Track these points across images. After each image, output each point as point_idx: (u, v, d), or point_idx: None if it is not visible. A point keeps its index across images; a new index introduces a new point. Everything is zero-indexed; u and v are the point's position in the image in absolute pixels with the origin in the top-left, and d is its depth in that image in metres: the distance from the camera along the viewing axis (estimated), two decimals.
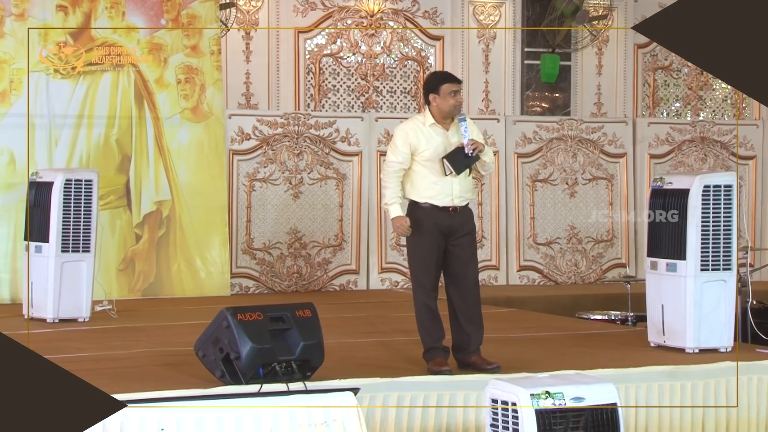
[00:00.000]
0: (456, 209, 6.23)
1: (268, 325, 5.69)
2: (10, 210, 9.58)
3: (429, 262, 6.25)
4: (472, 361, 6.21)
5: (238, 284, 10.68)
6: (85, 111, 9.95)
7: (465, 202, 6.28)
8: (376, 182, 11.14)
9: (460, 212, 6.26)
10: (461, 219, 6.26)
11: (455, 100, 6.26)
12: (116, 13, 10.09)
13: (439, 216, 6.20)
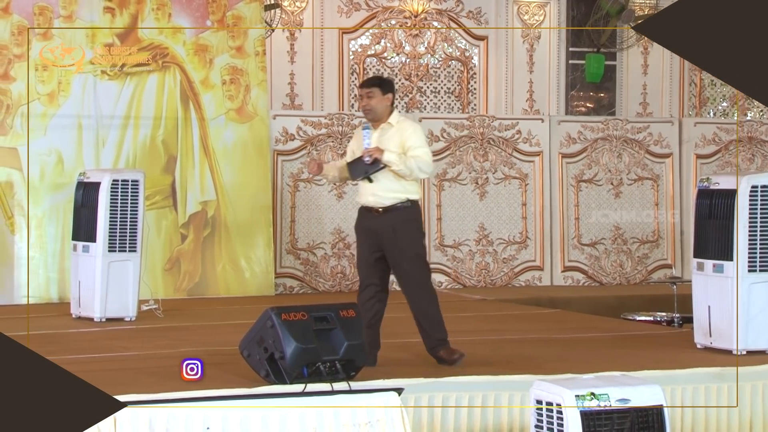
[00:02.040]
0: (379, 210, 6.39)
1: (313, 325, 5.71)
2: (58, 210, 9.69)
3: (360, 259, 6.56)
4: (439, 355, 6.40)
5: (282, 284, 10.72)
6: (132, 112, 10.04)
7: (391, 202, 6.37)
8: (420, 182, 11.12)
9: (385, 213, 6.38)
10: (386, 220, 6.37)
11: (361, 104, 6.51)
12: (162, 15, 10.18)
13: (366, 216, 6.47)
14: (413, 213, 6.43)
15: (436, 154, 11.28)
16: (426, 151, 6.39)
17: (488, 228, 11.40)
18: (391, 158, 6.30)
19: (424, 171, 6.41)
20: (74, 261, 8.76)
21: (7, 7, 9.63)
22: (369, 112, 6.40)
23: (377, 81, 6.61)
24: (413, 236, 6.41)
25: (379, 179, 6.35)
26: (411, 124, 6.48)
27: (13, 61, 9.64)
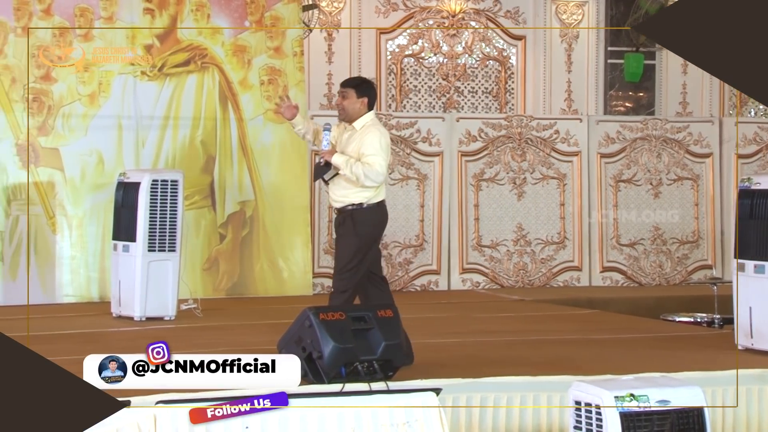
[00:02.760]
0: (336, 211, 6.55)
1: (350, 324, 5.71)
2: (98, 210, 9.78)
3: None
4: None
5: (320, 284, 10.75)
6: (171, 112, 10.11)
7: (340, 204, 6.48)
8: (457, 182, 11.13)
9: (339, 215, 6.53)
10: (338, 222, 6.55)
11: (336, 101, 6.58)
12: (201, 16, 10.24)
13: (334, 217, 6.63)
14: (359, 217, 6.42)
15: (473, 154, 11.27)
16: (376, 160, 6.38)
17: (526, 228, 11.37)
18: (338, 161, 6.37)
19: (371, 179, 6.40)
20: (114, 260, 8.83)
21: (48, 8, 9.73)
22: (341, 111, 6.48)
23: (355, 82, 6.61)
24: (348, 238, 6.46)
25: (335, 181, 6.46)
26: (372, 131, 6.44)
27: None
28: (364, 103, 6.48)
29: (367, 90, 6.55)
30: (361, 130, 6.43)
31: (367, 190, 6.41)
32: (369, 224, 6.50)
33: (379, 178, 6.40)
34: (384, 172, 6.45)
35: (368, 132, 6.42)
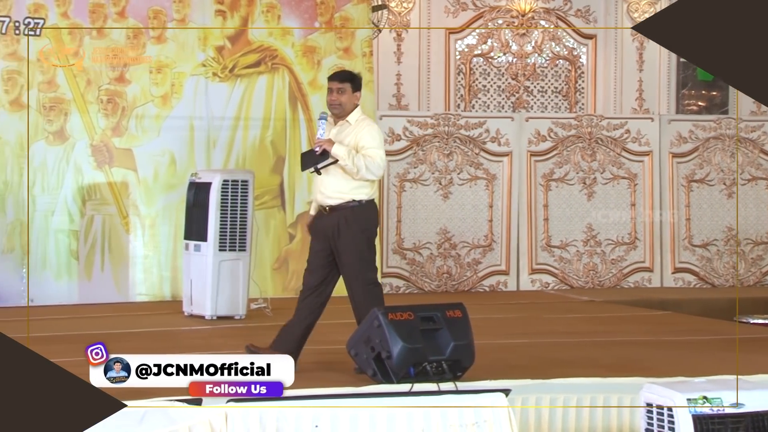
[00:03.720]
0: (326, 209, 6.23)
1: (419, 324, 5.73)
2: (170, 210, 9.90)
3: (310, 261, 6.36)
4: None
5: (388, 284, 10.77)
6: (242, 113, 10.20)
7: (336, 202, 6.18)
8: (526, 183, 11.07)
9: (332, 212, 6.20)
10: (332, 220, 6.20)
11: (330, 97, 6.30)
12: (272, 17, 10.32)
13: (319, 215, 6.30)
14: (360, 214, 6.18)
15: (542, 154, 11.20)
16: (378, 153, 6.15)
17: (596, 228, 11.27)
18: (339, 152, 6.10)
19: (372, 172, 6.14)
20: (186, 260, 8.94)
21: (123, 11, 9.88)
22: (338, 107, 6.22)
23: (350, 76, 6.38)
24: (355, 239, 6.17)
25: (329, 176, 6.18)
26: (368, 124, 6.26)
27: (128, 65, 9.88)
28: (358, 97, 6.27)
29: (359, 84, 6.33)
30: (356, 124, 6.19)
31: (366, 187, 6.15)
32: (371, 221, 6.27)
33: (379, 171, 6.16)
34: (384, 165, 6.23)
35: (364, 125, 6.20)
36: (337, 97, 6.22)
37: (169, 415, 4.93)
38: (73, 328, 8.17)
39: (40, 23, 9.52)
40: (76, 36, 9.71)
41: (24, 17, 9.48)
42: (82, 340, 7.49)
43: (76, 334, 7.79)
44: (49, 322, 8.49)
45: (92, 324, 8.48)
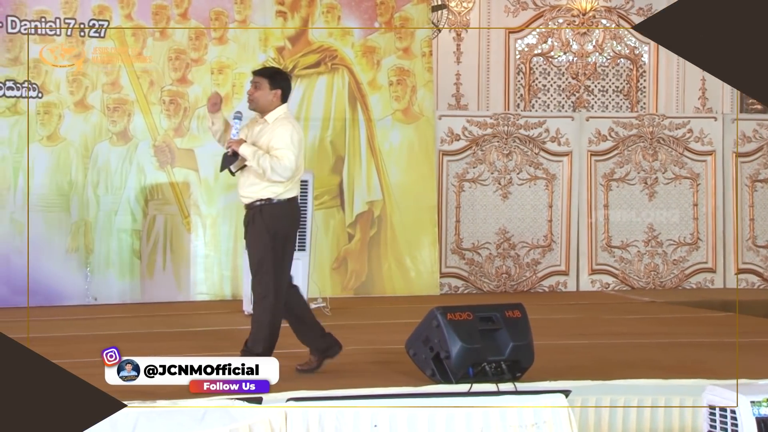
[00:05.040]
0: (245, 207, 6.15)
1: (478, 325, 5.71)
2: (231, 209, 9.98)
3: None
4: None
5: (447, 284, 10.76)
6: (302, 113, 10.26)
7: (248, 200, 6.07)
8: (586, 183, 11.00)
9: (248, 210, 6.12)
10: (247, 218, 6.14)
11: (248, 91, 6.18)
12: (332, 18, 10.37)
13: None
14: (266, 212, 6.02)
15: (602, 154, 11.12)
16: (285, 154, 5.95)
17: (657, 229, 11.16)
18: (245, 152, 5.96)
19: (278, 173, 5.95)
20: (246, 259, 8.99)
21: (185, 12, 9.98)
22: (252, 102, 6.09)
23: (269, 72, 6.22)
24: (258, 237, 6.04)
25: (244, 175, 6.07)
26: (282, 125, 6.05)
27: (190, 66, 9.98)
28: (278, 95, 6.06)
29: (281, 81, 6.12)
30: (273, 123, 6.03)
31: (275, 185, 5.98)
32: (279, 221, 6.04)
33: (286, 173, 5.95)
34: (292, 167, 5.97)
35: (280, 125, 6.02)
36: (252, 90, 6.10)
37: (230, 414, 4.98)
38: (135, 326, 8.28)
39: (105, 25, 9.66)
40: (139, 37, 9.84)
41: (89, 19, 9.63)
42: (143, 339, 7.60)
43: (139, 333, 7.89)
44: (112, 320, 8.61)
45: (154, 322, 8.59)
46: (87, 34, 9.60)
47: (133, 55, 9.75)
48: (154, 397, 5.07)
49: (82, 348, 7.02)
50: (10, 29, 9.41)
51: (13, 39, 9.42)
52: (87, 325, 8.42)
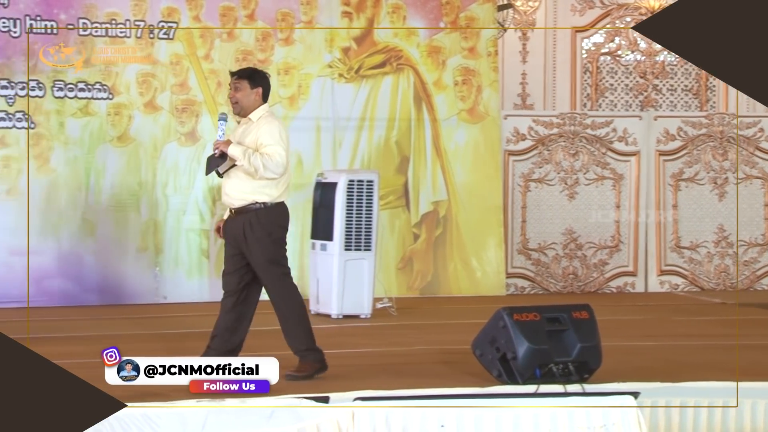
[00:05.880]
0: (232, 211, 6.03)
1: (545, 325, 5.69)
2: (297, 209, 10.01)
3: (225, 264, 6.17)
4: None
5: (513, 284, 10.72)
6: (367, 113, 10.28)
7: (240, 203, 5.97)
8: (655, 183, 10.88)
9: (237, 215, 6.00)
10: (238, 223, 6.00)
11: (229, 94, 6.12)
12: (398, 18, 10.38)
13: (228, 218, 6.09)
14: (264, 217, 5.96)
15: (671, 154, 10.99)
16: (276, 150, 5.89)
17: (728, 229, 11.01)
18: (235, 152, 5.89)
19: (271, 170, 5.89)
20: (313, 259, 9.06)
21: (252, 13, 10.06)
22: (234, 104, 6.04)
23: (248, 73, 6.17)
24: (262, 242, 5.97)
25: (231, 177, 5.98)
26: (268, 122, 6.00)
27: (257, 66, 10.04)
28: (259, 94, 6.03)
29: (260, 80, 6.08)
30: (258, 122, 5.98)
31: (271, 188, 5.95)
32: (276, 224, 6.03)
33: (278, 169, 5.90)
34: (284, 163, 5.93)
35: (266, 122, 5.97)
36: (233, 93, 6.07)
37: (298, 414, 5.01)
38: (204, 325, 8.35)
39: (173, 27, 9.77)
40: (207, 39, 9.93)
41: (158, 21, 9.75)
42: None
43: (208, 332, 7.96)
44: (182, 319, 8.70)
45: None
46: (156, 36, 9.73)
47: (201, 56, 9.85)
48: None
49: (151, 347, 7.11)
50: (82, 32, 9.56)
51: (84, 41, 9.57)
52: (156, 323, 8.53)
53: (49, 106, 9.48)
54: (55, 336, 7.63)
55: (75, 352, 6.63)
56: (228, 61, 9.91)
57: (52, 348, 6.63)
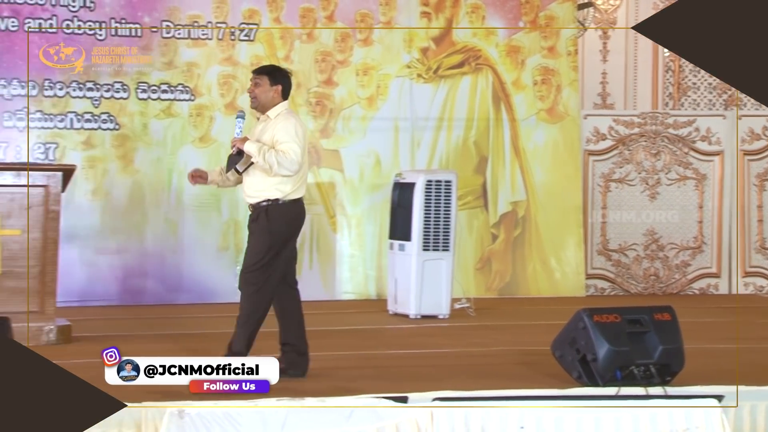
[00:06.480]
0: (250, 207, 6.02)
1: (626, 327, 5.63)
2: (375, 210, 10.07)
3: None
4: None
5: (593, 285, 10.63)
6: (446, 114, 10.28)
7: (255, 200, 5.95)
8: (739, 182, 10.70)
9: (253, 211, 5.99)
10: (251, 218, 6.02)
11: (248, 90, 6.09)
12: (477, 18, 10.35)
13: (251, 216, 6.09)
14: (272, 213, 5.92)
15: (756, 153, 10.81)
16: (292, 147, 5.85)
17: None
18: (251, 149, 5.89)
19: (285, 167, 5.85)
20: (391, 259, 9.08)
21: (331, 15, 10.12)
22: (253, 100, 6.04)
23: (268, 69, 6.16)
24: (260, 236, 5.94)
25: (249, 175, 5.97)
26: (284, 118, 5.97)
27: (336, 67, 10.11)
28: (278, 91, 6.02)
29: (281, 78, 6.06)
30: (275, 119, 5.98)
31: (284, 185, 5.91)
32: (283, 221, 5.97)
33: (293, 166, 5.87)
34: (299, 160, 5.89)
35: (283, 119, 5.97)
36: (252, 89, 6.07)
37: (377, 413, 5.02)
38: None
39: (254, 28, 9.87)
40: (287, 40, 10.02)
41: (239, 23, 9.86)
42: None
43: None
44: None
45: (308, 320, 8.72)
46: (237, 38, 9.84)
47: (281, 57, 9.94)
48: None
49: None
50: (165, 34, 9.71)
51: (167, 43, 9.71)
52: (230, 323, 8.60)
53: (133, 107, 9.64)
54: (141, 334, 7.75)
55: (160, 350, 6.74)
56: (308, 62, 9.99)
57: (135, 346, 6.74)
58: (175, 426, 4.78)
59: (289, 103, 6.16)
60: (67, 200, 8.30)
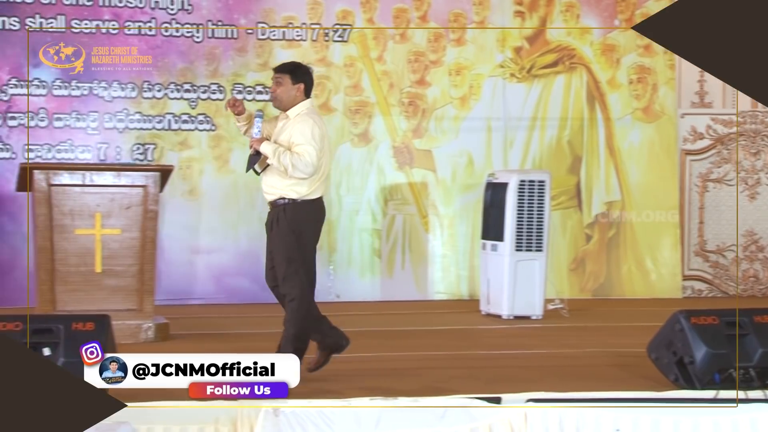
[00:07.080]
0: (270, 204, 5.97)
1: (724, 329, 5.54)
2: (468, 210, 10.06)
3: (267, 257, 6.05)
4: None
5: (690, 287, 10.47)
6: (539, 113, 10.22)
7: (272, 198, 5.92)
8: None
9: (272, 209, 5.95)
10: (270, 217, 5.96)
11: (271, 89, 6.01)
12: (571, 16, 10.27)
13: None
14: (291, 212, 5.85)
15: None
16: (307, 150, 5.79)
17: None
18: (266, 150, 5.85)
19: (300, 170, 5.81)
20: (483, 259, 9.06)
21: (424, 15, 10.14)
22: (274, 99, 5.96)
23: (290, 67, 6.03)
24: (284, 238, 5.85)
25: (267, 173, 5.94)
26: (305, 120, 5.87)
27: (429, 67, 10.12)
28: (300, 89, 5.94)
29: (303, 76, 5.97)
30: (294, 119, 5.91)
31: (300, 186, 5.86)
32: (303, 221, 5.90)
33: (307, 169, 5.81)
34: (314, 162, 5.82)
35: (301, 120, 5.89)
36: (273, 88, 6.01)
37: (470, 413, 5.02)
38: (376, 323, 8.48)
39: (347, 28, 9.94)
40: (380, 41, 10.06)
41: (333, 24, 9.94)
42: (384, 336, 7.78)
43: (379, 330, 8.07)
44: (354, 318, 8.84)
45: (393, 320, 8.77)
46: (331, 39, 9.92)
47: (374, 58, 9.99)
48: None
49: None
50: (260, 35, 9.83)
51: (263, 45, 9.84)
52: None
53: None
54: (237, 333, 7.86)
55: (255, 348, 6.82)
56: (401, 63, 10.02)
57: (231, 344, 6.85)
58: (271, 424, 4.80)
59: (312, 101, 6.11)
60: (164, 200, 8.45)
